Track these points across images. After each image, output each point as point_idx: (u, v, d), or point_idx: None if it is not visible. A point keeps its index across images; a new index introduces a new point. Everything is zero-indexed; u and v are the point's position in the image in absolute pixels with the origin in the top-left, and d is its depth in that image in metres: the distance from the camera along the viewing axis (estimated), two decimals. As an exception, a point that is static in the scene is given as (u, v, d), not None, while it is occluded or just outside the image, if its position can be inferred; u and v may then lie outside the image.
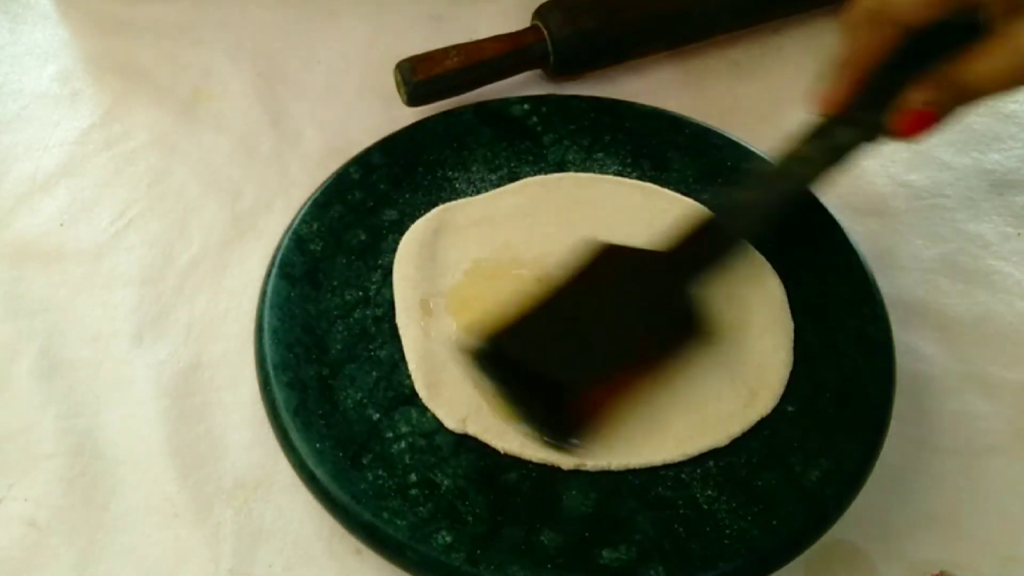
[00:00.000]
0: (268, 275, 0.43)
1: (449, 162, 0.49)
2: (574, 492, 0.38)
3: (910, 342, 0.44)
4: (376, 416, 0.40)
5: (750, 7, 0.58)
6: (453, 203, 0.47)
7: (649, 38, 0.56)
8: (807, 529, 0.36)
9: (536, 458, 0.38)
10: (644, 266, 0.39)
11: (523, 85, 0.56)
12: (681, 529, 0.36)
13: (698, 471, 0.38)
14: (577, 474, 0.38)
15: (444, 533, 0.36)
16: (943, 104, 0.40)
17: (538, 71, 0.56)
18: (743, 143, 0.49)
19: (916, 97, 0.40)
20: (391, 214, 0.47)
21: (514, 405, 0.37)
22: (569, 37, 0.54)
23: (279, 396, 0.39)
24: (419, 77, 0.51)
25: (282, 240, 0.45)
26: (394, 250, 0.45)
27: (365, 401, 0.40)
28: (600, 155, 0.50)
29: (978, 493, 0.40)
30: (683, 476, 0.38)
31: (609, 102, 0.51)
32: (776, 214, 0.41)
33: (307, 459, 0.37)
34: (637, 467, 0.38)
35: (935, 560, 0.38)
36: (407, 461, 0.38)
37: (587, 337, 0.37)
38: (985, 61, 0.39)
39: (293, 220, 0.45)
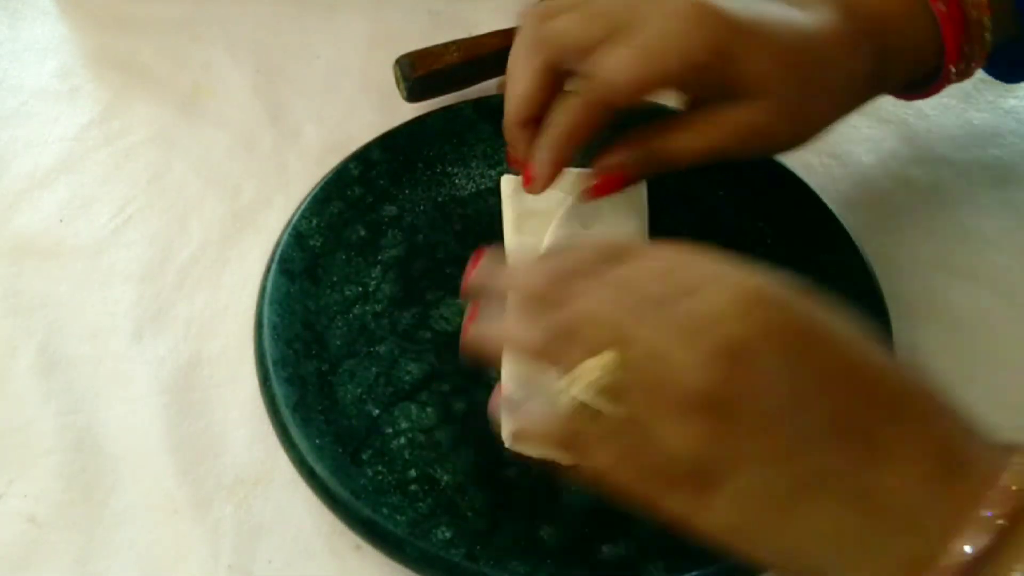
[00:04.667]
0: (268, 271, 0.43)
1: (449, 158, 0.49)
2: (573, 487, 0.38)
3: (910, 338, 0.44)
4: (375, 412, 0.40)
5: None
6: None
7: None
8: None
9: (536, 454, 0.38)
10: None
11: (523, 81, 0.55)
12: (681, 524, 0.36)
13: (698, 467, 0.38)
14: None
15: (444, 529, 0.36)
16: (636, 168, 0.41)
17: (538, 66, 0.56)
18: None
19: (613, 160, 0.40)
20: (390, 210, 0.47)
21: None
22: (569, 32, 0.53)
23: (279, 392, 0.39)
24: (418, 73, 0.51)
25: (281, 236, 0.45)
26: (393, 246, 0.45)
27: (364, 397, 0.40)
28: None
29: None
30: (683, 472, 0.38)
31: (609, 97, 0.51)
32: None
33: (307, 455, 0.37)
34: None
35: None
36: (407, 457, 0.38)
37: None
38: (687, 135, 0.39)
39: (293, 216, 0.45)
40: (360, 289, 0.44)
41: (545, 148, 0.39)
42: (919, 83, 0.45)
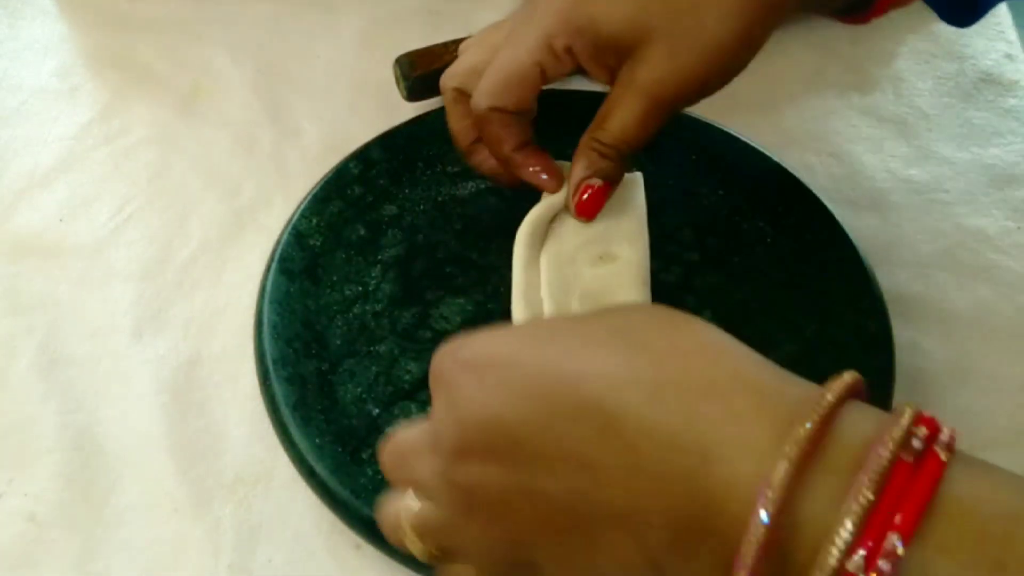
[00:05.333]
0: (267, 270, 0.43)
1: (448, 157, 0.49)
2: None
3: (910, 337, 0.44)
4: (375, 411, 0.40)
5: (750, 2, 0.58)
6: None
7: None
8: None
9: None
10: None
11: (523, 80, 0.55)
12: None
13: (697, 466, 0.38)
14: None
15: (443, 528, 0.36)
16: (604, 169, 0.40)
17: (538, 66, 0.56)
18: (741, 137, 0.49)
19: (577, 174, 0.40)
20: (390, 209, 0.47)
21: None
22: (569, 32, 0.53)
23: (279, 391, 0.39)
24: (418, 72, 0.51)
25: (281, 235, 0.45)
26: (393, 245, 0.45)
27: (364, 396, 0.40)
28: (600, 150, 0.49)
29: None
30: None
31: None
32: None
33: (307, 454, 0.37)
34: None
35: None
36: (406, 456, 0.38)
37: None
38: (617, 114, 0.39)
39: (292, 215, 0.45)
40: (360, 288, 0.44)
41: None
42: (858, 4, 0.44)
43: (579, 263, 0.42)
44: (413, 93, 0.52)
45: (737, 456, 0.23)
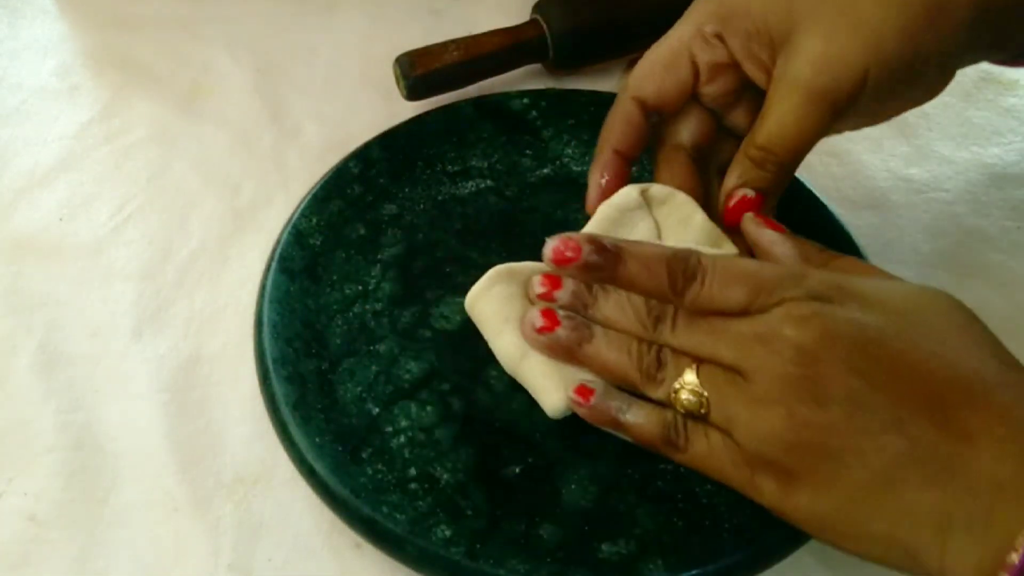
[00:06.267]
0: (267, 269, 0.43)
1: (448, 156, 0.49)
2: (573, 486, 0.38)
3: (910, 336, 0.44)
4: (375, 410, 0.40)
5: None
6: None
7: (649, 31, 0.56)
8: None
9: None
10: None
11: (523, 79, 0.56)
12: (680, 523, 0.36)
13: (697, 465, 0.38)
14: (576, 468, 0.38)
15: (443, 527, 0.36)
16: (756, 179, 0.38)
17: (538, 65, 0.56)
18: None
19: (729, 183, 0.39)
20: (390, 208, 0.47)
21: None
22: (569, 31, 0.53)
23: (278, 390, 0.39)
24: (418, 71, 0.51)
25: (281, 234, 0.45)
26: (393, 244, 0.45)
27: (364, 395, 0.40)
28: (600, 149, 0.49)
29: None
30: (682, 470, 0.38)
31: (609, 96, 0.51)
32: None
33: (306, 453, 0.37)
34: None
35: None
36: (406, 455, 0.38)
37: None
38: (770, 112, 0.37)
39: (292, 214, 0.45)
40: (360, 287, 0.44)
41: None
42: None
43: None
44: (413, 92, 0.52)
45: None
